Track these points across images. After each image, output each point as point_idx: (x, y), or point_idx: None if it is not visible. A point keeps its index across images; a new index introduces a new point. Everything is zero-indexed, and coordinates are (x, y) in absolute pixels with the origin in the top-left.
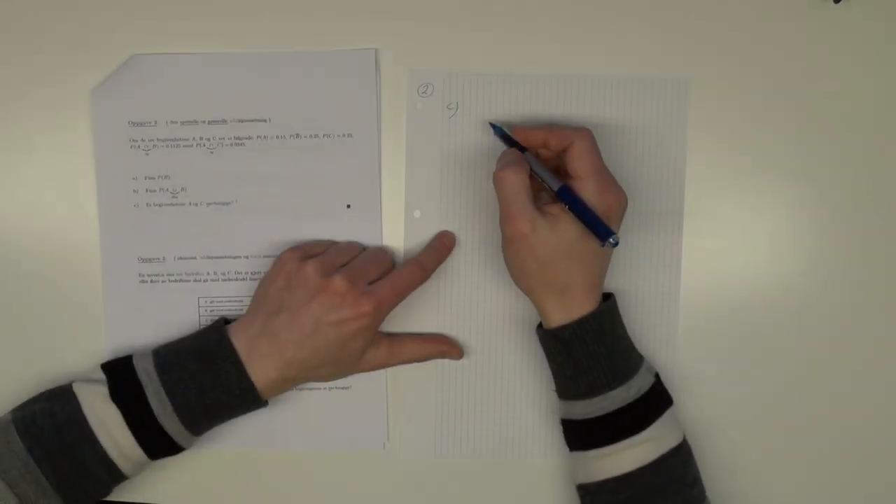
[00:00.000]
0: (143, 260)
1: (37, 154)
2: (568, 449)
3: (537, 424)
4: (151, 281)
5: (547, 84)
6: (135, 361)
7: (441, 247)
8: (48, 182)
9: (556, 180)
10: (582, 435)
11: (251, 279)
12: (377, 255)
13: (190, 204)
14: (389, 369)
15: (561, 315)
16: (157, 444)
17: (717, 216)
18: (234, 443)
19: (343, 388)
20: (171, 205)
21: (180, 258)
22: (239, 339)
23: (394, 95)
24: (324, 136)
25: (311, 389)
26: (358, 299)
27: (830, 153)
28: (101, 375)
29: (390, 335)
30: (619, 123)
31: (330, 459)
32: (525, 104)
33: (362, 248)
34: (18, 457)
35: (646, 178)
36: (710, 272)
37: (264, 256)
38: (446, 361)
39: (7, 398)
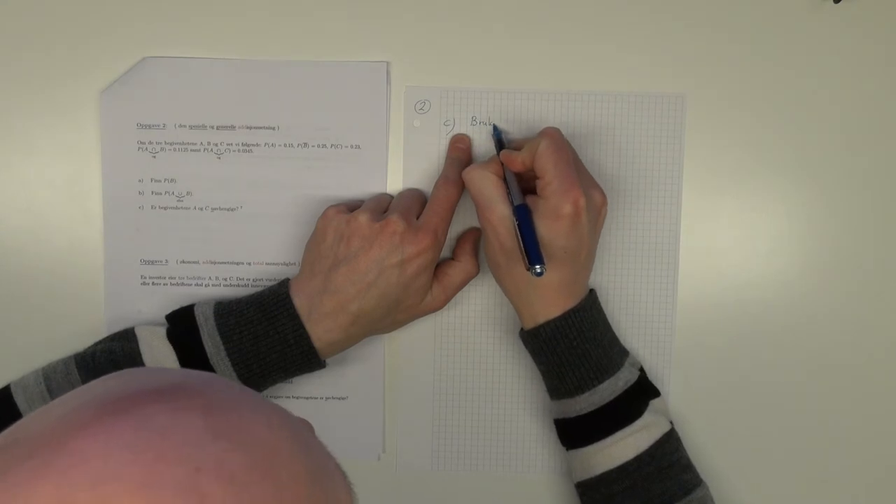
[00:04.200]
0: (146, 262)
1: (42, 154)
2: (564, 449)
3: (534, 439)
4: (153, 283)
5: (543, 100)
6: (196, 306)
7: (459, 152)
8: (52, 182)
9: (521, 198)
10: (577, 432)
11: (253, 286)
12: (411, 193)
13: (195, 208)
14: (387, 380)
15: (539, 314)
16: None
17: (715, 217)
18: None
19: (340, 399)
20: (176, 208)
21: (183, 262)
22: (299, 298)
23: (392, 111)
24: (331, 146)
25: (307, 398)
26: (416, 234)
27: (830, 154)
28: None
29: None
30: (616, 136)
31: None
32: (522, 121)
33: (391, 197)
34: (73, 387)
35: (643, 183)
36: (708, 273)
37: (267, 264)
38: (443, 377)
39: None
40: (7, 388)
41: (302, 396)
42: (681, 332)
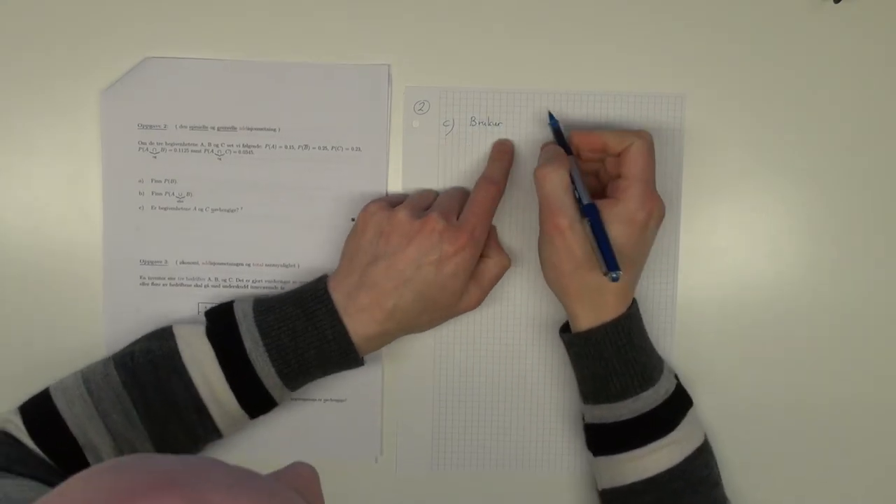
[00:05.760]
0: (145, 262)
1: (42, 154)
2: (591, 454)
3: (533, 441)
4: (152, 284)
5: (543, 100)
6: (235, 303)
7: (501, 154)
8: (53, 182)
9: (588, 196)
10: (611, 438)
11: (252, 286)
12: (454, 192)
13: (195, 209)
14: (386, 382)
15: (591, 318)
16: (248, 388)
17: (715, 217)
18: (227, 451)
19: (338, 401)
20: (176, 209)
21: (182, 262)
22: (337, 293)
23: (391, 111)
24: (332, 148)
25: (305, 400)
26: (455, 233)
27: (830, 154)
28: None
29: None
30: None
31: (322, 471)
32: (522, 121)
33: (436, 193)
34: (113, 388)
35: None
36: (708, 273)
37: (267, 265)
38: (442, 379)
39: (4, 397)
40: (46, 392)
41: (300, 398)
42: (681, 332)
